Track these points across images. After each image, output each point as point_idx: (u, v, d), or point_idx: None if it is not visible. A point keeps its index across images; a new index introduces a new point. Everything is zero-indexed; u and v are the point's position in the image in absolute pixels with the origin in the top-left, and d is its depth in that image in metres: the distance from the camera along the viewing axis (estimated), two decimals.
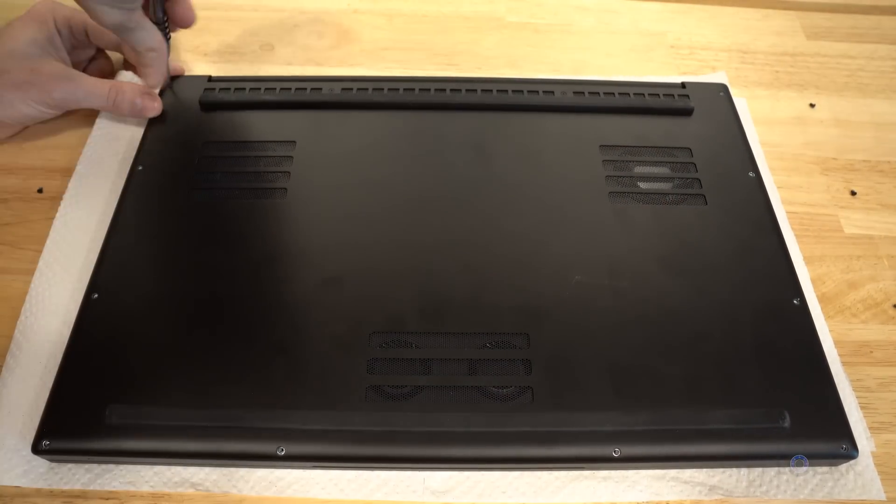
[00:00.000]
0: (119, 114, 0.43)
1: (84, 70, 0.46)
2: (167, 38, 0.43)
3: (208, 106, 0.44)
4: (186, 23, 0.43)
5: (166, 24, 0.43)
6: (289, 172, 0.41)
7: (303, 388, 0.33)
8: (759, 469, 0.33)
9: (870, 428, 0.35)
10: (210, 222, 0.39)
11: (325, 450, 0.31)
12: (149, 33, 0.40)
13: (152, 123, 0.43)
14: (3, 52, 0.39)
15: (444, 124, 0.44)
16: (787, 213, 0.44)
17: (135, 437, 0.31)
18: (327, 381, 0.33)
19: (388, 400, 0.33)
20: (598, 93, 0.46)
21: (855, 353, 0.38)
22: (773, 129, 0.49)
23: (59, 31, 0.43)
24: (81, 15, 0.43)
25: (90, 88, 0.41)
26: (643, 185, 0.42)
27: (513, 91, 0.46)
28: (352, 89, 0.45)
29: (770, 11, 0.58)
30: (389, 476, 0.33)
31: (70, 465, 0.33)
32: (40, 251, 0.40)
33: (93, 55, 0.47)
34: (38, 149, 0.45)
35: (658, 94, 0.46)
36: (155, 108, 0.42)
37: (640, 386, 0.33)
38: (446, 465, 0.33)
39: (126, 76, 0.48)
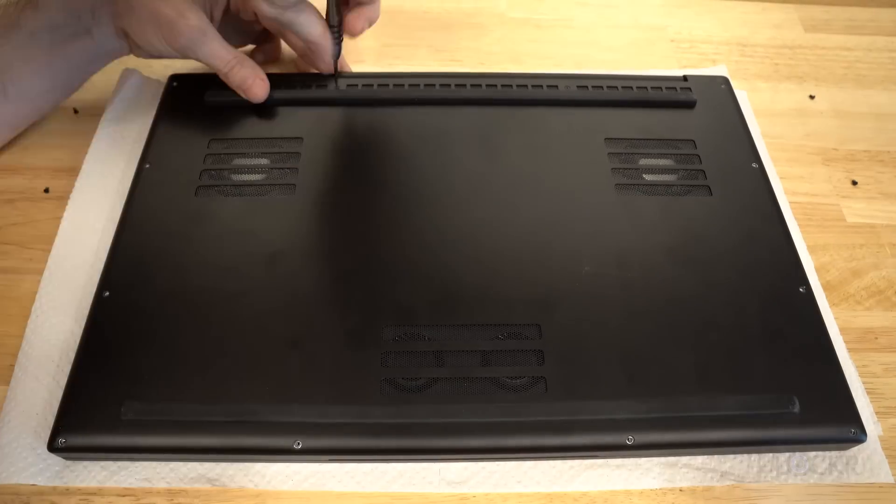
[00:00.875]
0: (228, 83, 0.42)
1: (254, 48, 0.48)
2: (337, 42, 0.43)
3: (214, 103, 0.44)
4: (353, 31, 0.43)
5: (339, 30, 0.42)
6: (297, 169, 0.41)
7: (318, 382, 0.33)
8: (770, 455, 0.34)
9: (876, 413, 0.36)
10: (219, 219, 0.39)
11: (342, 443, 0.32)
12: (310, 24, 0.40)
13: (159, 121, 0.43)
14: None
15: (449, 119, 0.44)
16: (790, 202, 0.44)
17: (150, 434, 0.31)
18: (342, 375, 0.33)
19: (402, 392, 0.33)
20: (602, 86, 0.46)
21: (860, 340, 0.39)
22: (773, 121, 0.49)
23: None
24: None
25: (215, 50, 0.40)
26: (649, 177, 0.42)
27: (517, 86, 0.46)
28: (357, 85, 0.45)
29: (768, 5, 0.58)
30: (405, 468, 0.33)
31: (86, 463, 0.33)
32: (48, 251, 0.40)
33: (262, 36, 0.47)
34: (43, 149, 0.45)
35: (661, 87, 0.46)
36: (259, 95, 0.42)
37: (651, 374, 0.33)
38: (462, 456, 0.33)
39: (134, 71, 0.48)
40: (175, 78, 0.46)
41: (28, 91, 0.39)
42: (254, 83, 0.41)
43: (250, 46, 0.50)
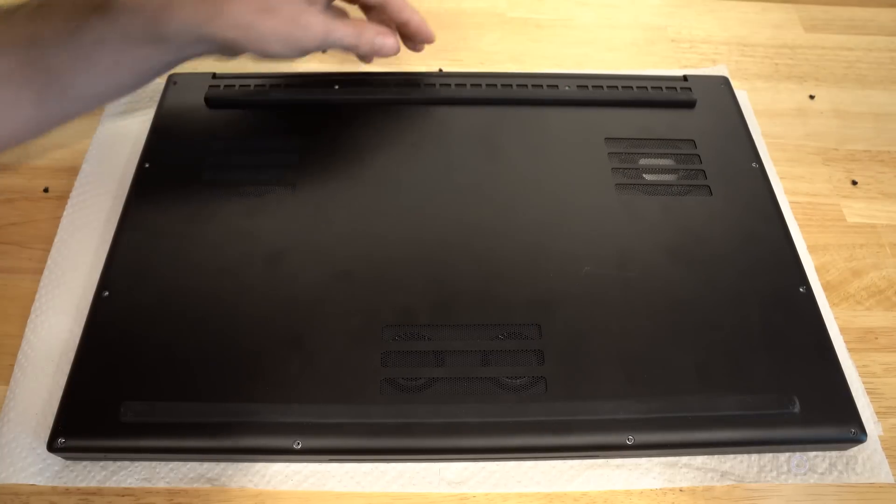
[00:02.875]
0: (359, 52, 0.41)
1: None
2: None
3: (214, 103, 0.44)
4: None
5: None
6: (296, 168, 0.41)
7: (318, 382, 0.33)
8: (770, 455, 0.34)
9: (877, 413, 0.36)
10: (219, 218, 0.39)
11: (342, 443, 0.32)
12: (344, 32, 0.39)
13: (158, 121, 0.43)
14: None
15: (450, 119, 0.44)
16: (790, 202, 0.44)
17: (150, 434, 0.31)
18: (342, 375, 0.33)
19: (402, 392, 0.33)
20: (602, 86, 0.46)
21: (860, 340, 0.39)
22: (774, 121, 0.49)
23: None
24: None
25: (341, 36, 0.39)
26: (649, 177, 0.42)
27: (517, 85, 0.46)
28: (357, 85, 0.45)
29: (768, 5, 0.58)
30: (405, 468, 0.33)
31: (85, 463, 0.33)
32: (48, 250, 0.40)
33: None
34: (42, 149, 0.45)
35: (661, 87, 0.46)
36: (394, 48, 0.41)
37: (651, 374, 0.33)
38: (462, 456, 0.33)
39: None
40: (174, 77, 0.46)
41: (89, 92, 0.36)
42: (384, 40, 0.40)
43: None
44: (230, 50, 0.36)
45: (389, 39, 0.41)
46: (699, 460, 0.34)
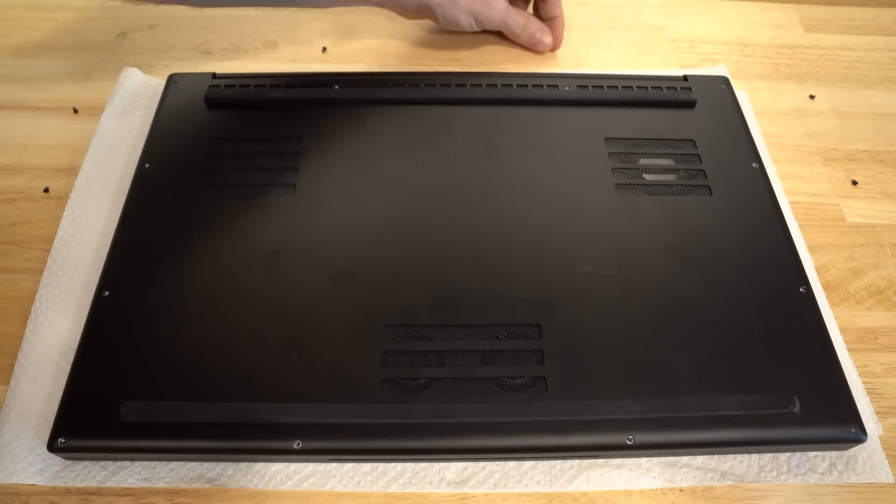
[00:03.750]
0: (519, 40, 0.52)
1: None
2: None
3: (214, 103, 0.44)
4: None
5: None
6: (297, 168, 0.41)
7: (318, 382, 0.33)
8: (770, 455, 0.34)
9: (877, 413, 0.36)
10: (219, 218, 0.39)
11: (342, 443, 0.32)
12: (516, 21, 0.50)
13: (158, 121, 0.43)
14: None
15: (450, 119, 0.44)
16: (790, 202, 0.44)
17: (150, 434, 0.31)
18: (342, 375, 0.33)
19: (402, 392, 0.33)
20: (602, 86, 0.46)
21: (860, 340, 0.39)
22: (774, 121, 0.49)
23: None
24: None
25: (515, 19, 0.50)
26: (649, 177, 0.42)
27: (517, 85, 0.46)
28: (357, 85, 0.45)
29: (768, 4, 0.58)
30: (405, 468, 0.33)
31: (85, 463, 0.33)
32: (48, 250, 0.40)
33: None
34: (43, 149, 0.45)
35: (661, 87, 0.46)
36: (548, 45, 0.51)
37: (651, 374, 0.33)
38: (462, 456, 0.33)
39: (134, 71, 0.48)
40: (175, 77, 0.46)
41: None
42: (542, 37, 0.51)
43: None
44: (422, 14, 0.49)
45: (547, 38, 0.51)
46: (699, 460, 0.34)
